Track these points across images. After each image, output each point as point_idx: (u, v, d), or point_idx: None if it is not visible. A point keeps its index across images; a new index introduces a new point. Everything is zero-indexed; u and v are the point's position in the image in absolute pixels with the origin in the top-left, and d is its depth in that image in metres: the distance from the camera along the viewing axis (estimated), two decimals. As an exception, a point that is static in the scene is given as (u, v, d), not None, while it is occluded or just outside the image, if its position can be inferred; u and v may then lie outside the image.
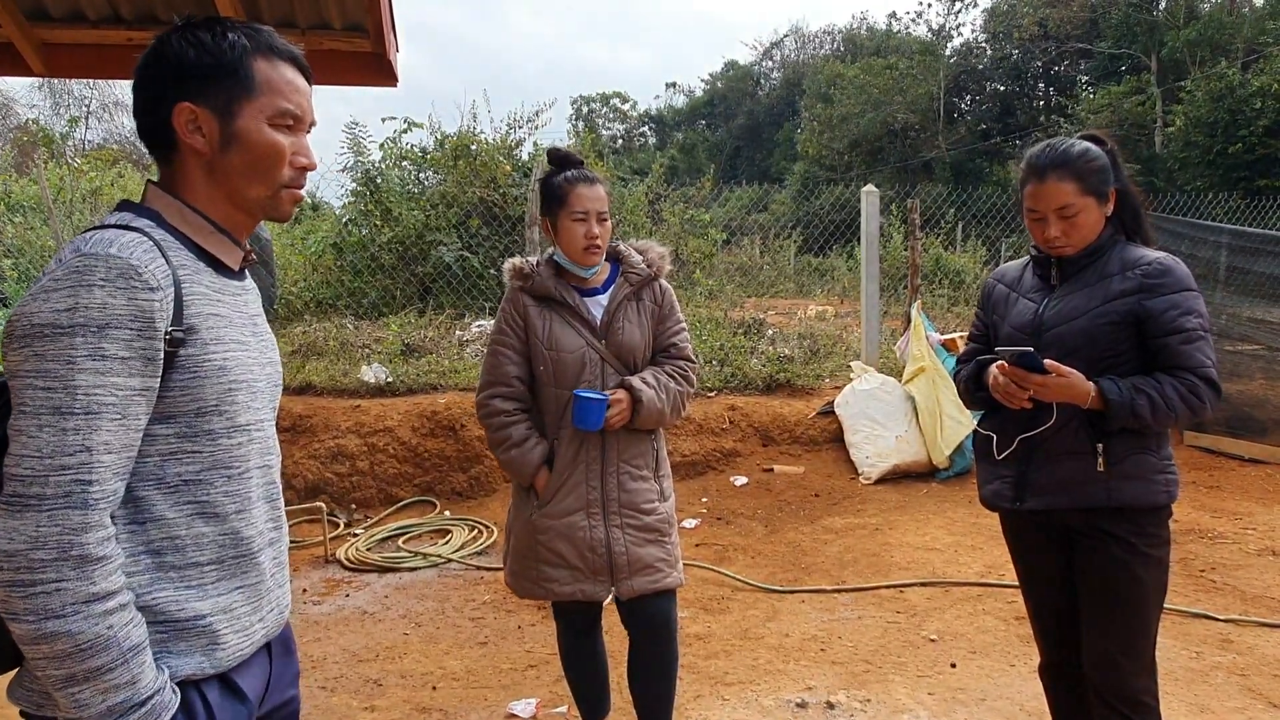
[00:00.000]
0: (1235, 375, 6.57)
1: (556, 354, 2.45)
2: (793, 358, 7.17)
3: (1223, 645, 3.52)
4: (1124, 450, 2.06)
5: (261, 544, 1.32)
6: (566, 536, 2.44)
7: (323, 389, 6.14)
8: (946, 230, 14.02)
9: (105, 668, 1.09)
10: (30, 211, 11.22)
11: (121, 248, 1.13)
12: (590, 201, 2.43)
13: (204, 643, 1.22)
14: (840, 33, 42.43)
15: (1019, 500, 2.19)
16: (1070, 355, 2.07)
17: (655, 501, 2.53)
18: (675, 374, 2.56)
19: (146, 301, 1.12)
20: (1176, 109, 20.74)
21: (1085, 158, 2.08)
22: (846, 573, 4.40)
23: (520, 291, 2.52)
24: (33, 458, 1.07)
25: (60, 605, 1.06)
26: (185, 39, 1.24)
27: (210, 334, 1.22)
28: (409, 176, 10.18)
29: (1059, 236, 2.09)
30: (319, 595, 4.29)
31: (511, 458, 2.47)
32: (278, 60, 1.28)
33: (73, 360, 1.08)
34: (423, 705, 3.18)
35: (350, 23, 3.86)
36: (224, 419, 1.24)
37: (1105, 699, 2.10)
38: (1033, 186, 2.11)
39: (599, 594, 2.48)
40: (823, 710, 3.08)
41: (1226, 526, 4.98)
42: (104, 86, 26.42)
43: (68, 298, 1.08)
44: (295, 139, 1.30)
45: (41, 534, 1.06)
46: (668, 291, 2.62)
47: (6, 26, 3.66)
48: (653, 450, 2.57)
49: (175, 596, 1.20)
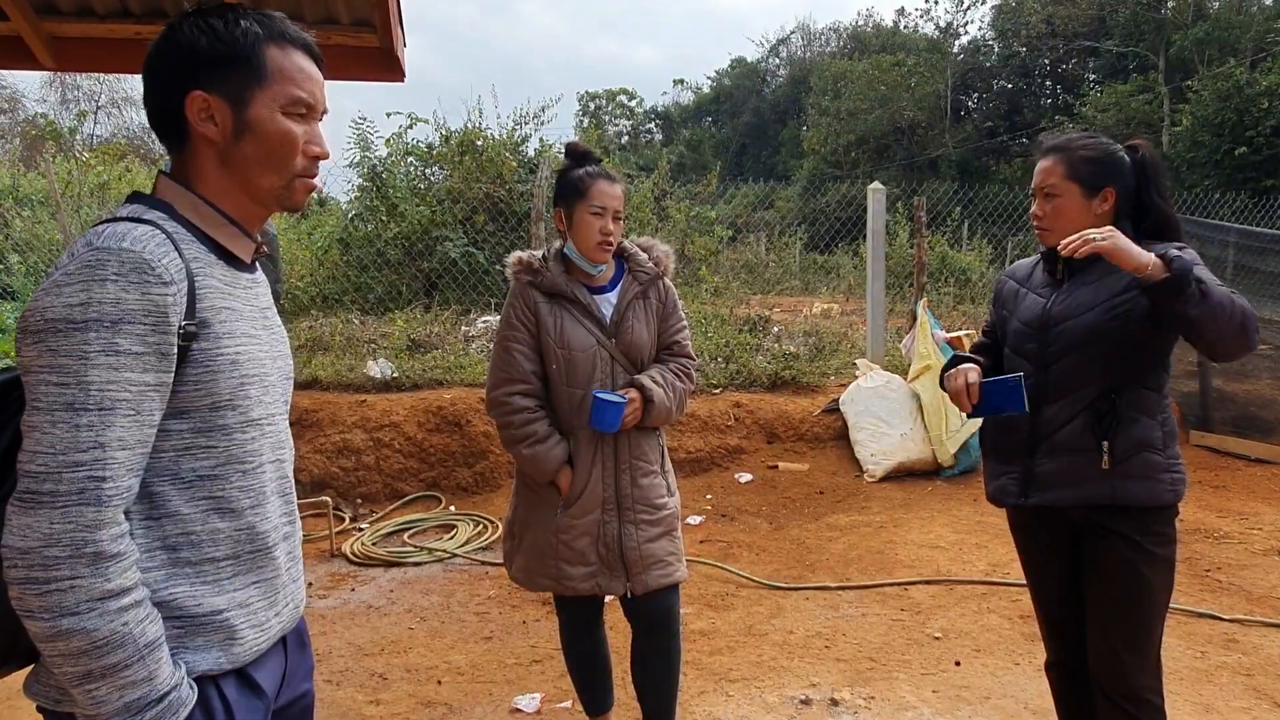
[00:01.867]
0: (1242, 375, 6.56)
1: (569, 352, 2.44)
2: (798, 355, 7.17)
3: (1228, 645, 3.51)
4: (1129, 448, 2.05)
5: (276, 539, 1.31)
6: (588, 534, 2.46)
7: (329, 384, 6.16)
8: (952, 228, 14.00)
9: (121, 664, 1.08)
10: (38, 206, 11.26)
11: (134, 241, 1.11)
12: (610, 199, 2.43)
13: (221, 638, 1.22)
14: (847, 30, 42.36)
15: (1024, 496, 2.19)
16: (1078, 350, 2.07)
17: (665, 497, 2.55)
18: (679, 372, 2.58)
19: (160, 296, 1.11)
20: (1183, 108, 20.66)
21: (1081, 145, 2.10)
22: (851, 570, 4.41)
23: (529, 286, 2.50)
24: (46, 454, 1.06)
25: (75, 602, 1.06)
26: (197, 26, 1.23)
27: (223, 327, 1.21)
28: (415, 172, 10.19)
29: (1039, 216, 2.15)
30: (325, 589, 4.30)
31: (536, 454, 2.45)
32: (290, 48, 1.27)
33: (86, 356, 1.06)
34: (427, 699, 3.19)
35: (358, 18, 3.86)
36: (237, 413, 1.23)
37: (1110, 696, 2.10)
38: (1036, 164, 2.19)
39: (615, 588, 2.49)
40: (827, 707, 3.09)
41: (1232, 526, 4.98)
42: (112, 81, 26.50)
43: (81, 292, 1.07)
44: (308, 127, 1.28)
45: (55, 531, 1.05)
46: (671, 290, 2.63)
47: (16, 21, 3.67)
48: (658, 446, 2.59)
49: (192, 592, 1.19)
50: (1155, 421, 2.08)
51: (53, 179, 8.95)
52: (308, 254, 9.90)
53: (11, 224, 10.27)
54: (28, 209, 11.09)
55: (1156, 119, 22.79)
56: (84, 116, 20.54)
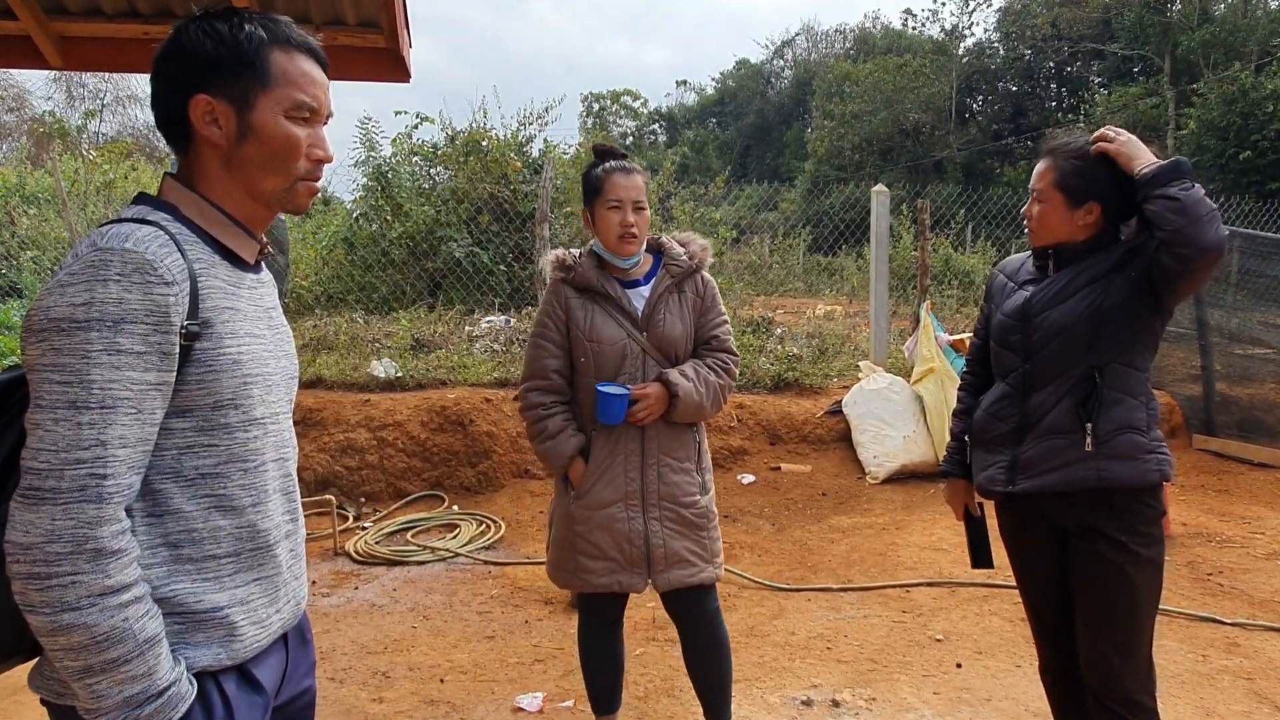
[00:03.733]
0: (1246, 379, 6.56)
1: (597, 345, 2.46)
2: (801, 357, 7.17)
3: (1229, 649, 3.51)
4: (1112, 429, 2.05)
5: (278, 536, 1.33)
6: (604, 528, 2.46)
7: (333, 383, 6.18)
8: (956, 231, 13.97)
9: (122, 659, 1.09)
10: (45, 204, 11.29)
11: (137, 242, 1.13)
12: (625, 190, 2.43)
13: (221, 634, 1.23)
14: (852, 32, 42.32)
15: (1011, 483, 2.19)
16: (1059, 336, 2.09)
17: (696, 494, 2.53)
18: (716, 367, 2.55)
19: (162, 296, 1.13)
20: (1189, 111, 20.61)
21: (1073, 154, 2.11)
22: (853, 572, 4.41)
23: (562, 283, 2.53)
24: (48, 451, 1.08)
25: (75, 598, 1.07)
26: (203, 30, 1.24)
27: (225, 328, 1.23)
28: (420, 172, 10.21)
29: (1028, 216, 2.20)
30: (328, 588, 4.32)
31: (546, 449, 2.50)
32: (295, 52, 1.28)
33: (88, 355, 1.08)
34: (430, 697, 3.21)
35: (364, 19, 3.88)
36: (240, 412, 1.24)
37: (1102, 700, 2.10)
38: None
39: (635, 585, 2.48)
40: (828, 708, 3.09)
41: (1235, 530, 4.97)
42: (118, 80, 26.54)
43: (84, 292, 1.09)
44: (311, 131, 1.30)
45: (57, 527, 1.07)
46: (710, 283, 2.61)
47: (25, 20, 3.69)
48: (694, 443, 2.57)
49: (193, 589, 1.21)
50: (1139, 402, 2.09)
51: (59, 177, 8.99)
52: (312, 253, 9.93)
53: (18, 222, 10.31)
54: (34, 206, 11.13)
55: (1162, 122, 22.74)
56: (92, 115, 20.57)
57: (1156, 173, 1.95)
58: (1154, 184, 1.95)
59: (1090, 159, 2.10)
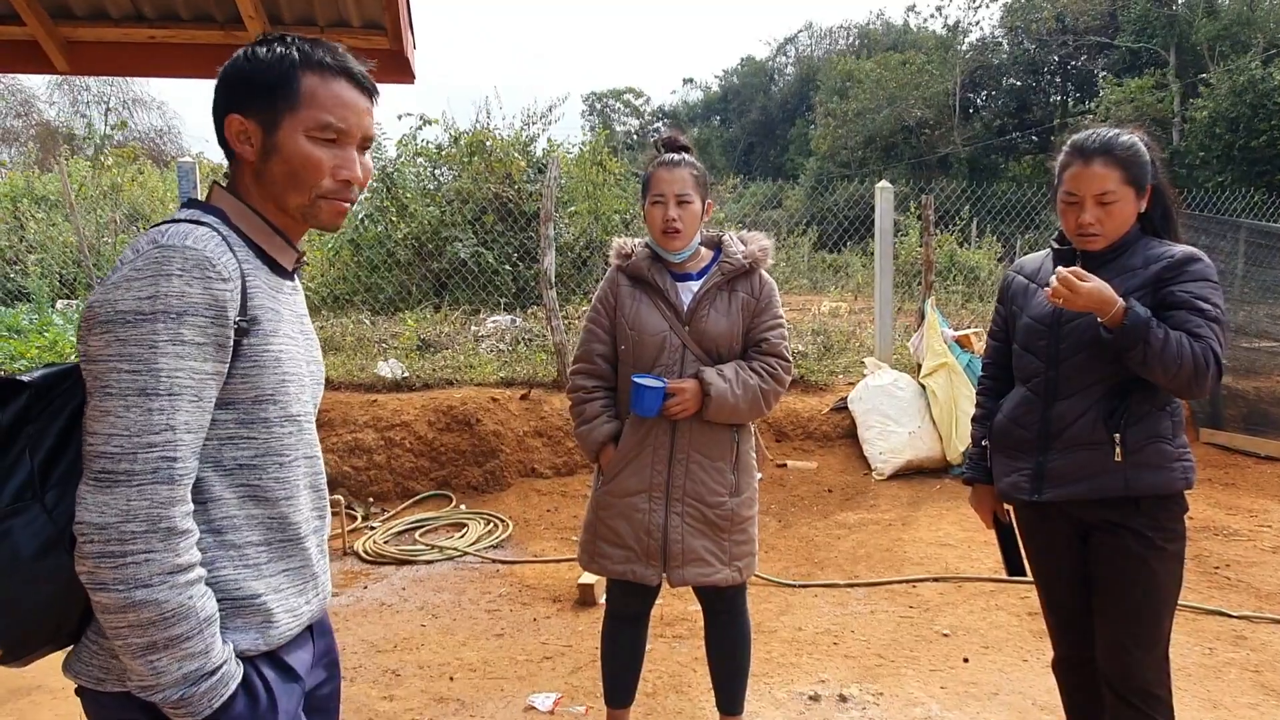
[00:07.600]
0: (1252, 372, 6.54)
1: (638, 334, 2.47)
2: (806, 354, 7.18)
3: (1236, 642, 3.51)
4: (1141, 440, 2.06)
5: (307, 530, 1.38)
6: (625, 516, 2.48)
7: (340, 384, 6.21)
8: (961, 226, 13.93)
9: (184, 636, 1.15)
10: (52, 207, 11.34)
11: (196, 240, 1.20)
12: (668, 184, 2.43)
13: (259, 620, 1.28)
14: (855, 28, 42.23)
15: (1037, 492, 2.19)
16: (1089, 347, 2.08)
17: (724, 495, 2.48)
18: (761, 370, 2.48)
19: (220, 291, 1.19)
20: (1197, 102, 20.53)
21: (1132, 148, 2.08)
22: (859, 567, 4.42)
23: (619, 271, 2.57)
24: (121, 435, 1.13)
25: (148, 575, 1.13)
26: (246, 53, 1.32)
27: (270, 325, 1.29)
28: (424, 173, 10.24)
29: (1092, 224, 2.07)
30: (337, 587, 4.35)
31: (580, 433, 2.56)
32: (331, 76, 1.32)
33: (155, 345, 1.14)
34: (440, 695, 3.23)
35: (368, 21, 3.90)
36: (278, 408, 1.30)
37: (1117, 690, 2.11)
38: (1076, 169, 2.08)
39: (649, 577, 2.48)
40: (835, 703, 3.11)
41: (1241, 523, 4.97)
42: (122, 83, 26.61)
43: (149, 286, 1.15)
44: (338, 152, 1.33)
45: (132, 508, 1.12)
46: (767, 284, 2.57)
47: (32, 25, 3.72)
48: (732, 443, 2.51)
49: (234, 574, 1.26)
50: (1165, 412, 2.10)
51: (66, 181, 9.04)
52: (318, 254, 9.96)
53: (27, 226, 10.36)
54: (41, 210, 11.18)
55: (1169, 114, 22.66)
56: (124, 125, 20.61)
57: (1114, 338, 1.95)
58: (1118, 345, 1.96)
59: (1139, 148, 2.09)
